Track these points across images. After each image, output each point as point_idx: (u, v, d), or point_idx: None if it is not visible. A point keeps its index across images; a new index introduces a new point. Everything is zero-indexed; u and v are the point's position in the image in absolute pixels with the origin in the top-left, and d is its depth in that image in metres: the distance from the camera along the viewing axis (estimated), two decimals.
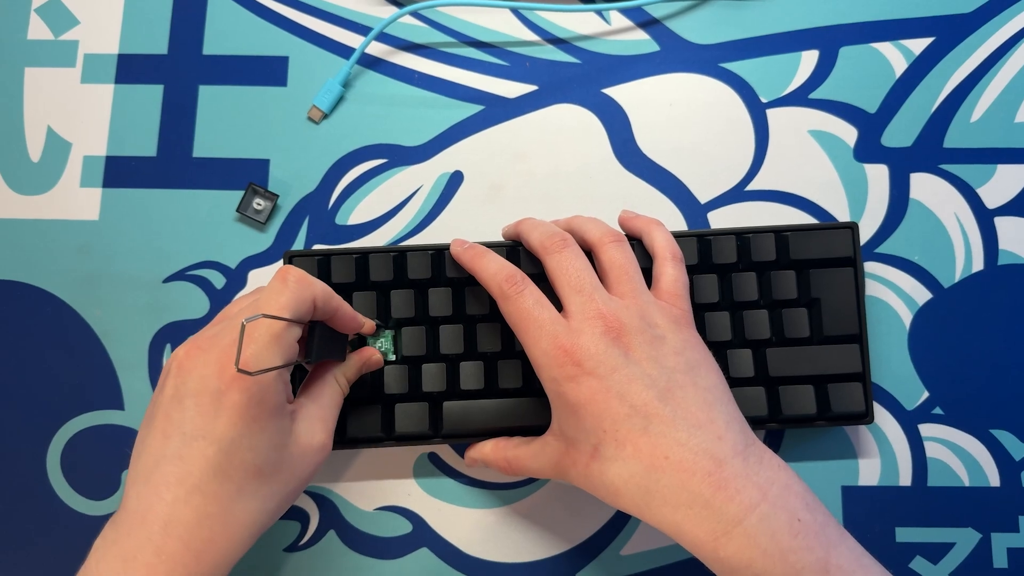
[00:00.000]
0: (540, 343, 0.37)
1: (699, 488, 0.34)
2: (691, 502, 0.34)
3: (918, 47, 0.51)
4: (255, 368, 0.35)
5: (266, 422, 0.36)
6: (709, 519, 0.34)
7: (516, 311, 0.39)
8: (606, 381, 0.36)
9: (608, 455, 0.36)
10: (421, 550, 0.47)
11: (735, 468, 0.35)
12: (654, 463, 0.35)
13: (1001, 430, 0.47)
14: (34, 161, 0.51)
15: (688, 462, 0.35)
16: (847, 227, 0.46)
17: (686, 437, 0.35)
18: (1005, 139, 0.50)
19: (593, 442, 0.36)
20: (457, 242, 0.44)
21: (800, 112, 0.50)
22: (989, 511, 0.47)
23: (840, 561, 0.34)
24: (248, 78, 0.51)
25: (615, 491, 0.36)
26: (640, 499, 0.35)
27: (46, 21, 0.53)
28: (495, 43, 0.52)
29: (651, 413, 0.36)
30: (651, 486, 0.35)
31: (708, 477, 0.34)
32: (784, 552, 0.33)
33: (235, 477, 0.35)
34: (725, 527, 0.33)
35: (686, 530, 0.34)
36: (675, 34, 0.51)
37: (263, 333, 0.35)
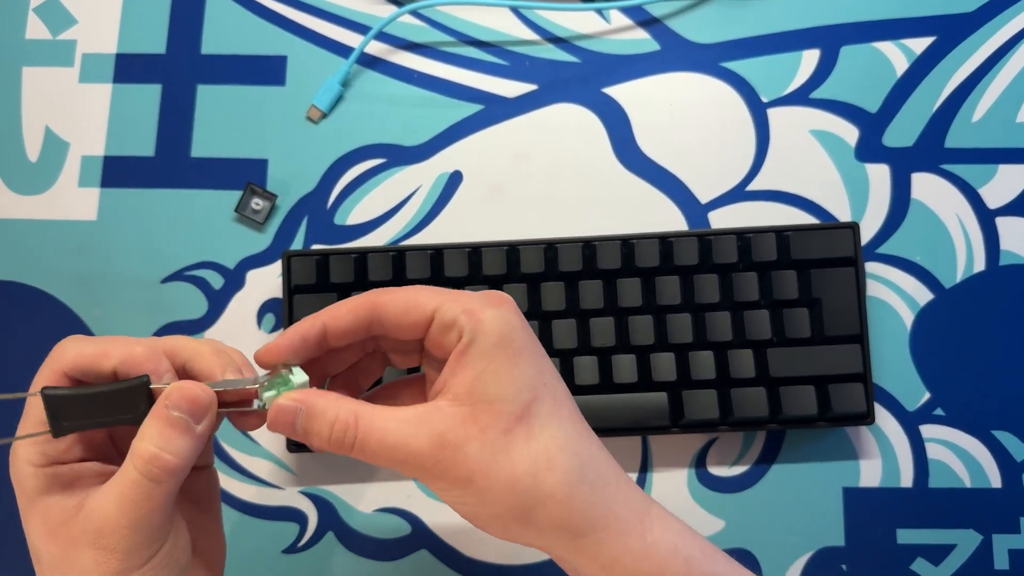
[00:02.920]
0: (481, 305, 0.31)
1: (616, 467, 0.31)
2: (617, 477, 0.30)
3: (919, 46, 0.51)
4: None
5: (27, 510, 0.31)
6: (634, 499, 0.30)
7: (408, 297, 0.31)
8: (531, 335, 0.32)
9: (542, 415, 0.29)
10: (420, 552, 0.47)
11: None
12: (586, 431, 0.31)
13: (1002, 431, 0.47)
14: (32, 161, 0.51)
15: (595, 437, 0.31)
16: (848, 227, 0.46)
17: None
18: (1006, 139, 0.50)
19: (526, 399, 0.29)
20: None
21: (801, 112, 0.50)
22: (990, 512, 0.47)
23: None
24: (246, 78, 0.51)
25: (546, 462, 0.29)
26: (573, 473, 0.29)
27: (44, 21, 0.52)
28: (495, 42, 0.52)
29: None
30: (584, 456, 0.30)
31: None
32: (694, 534, 0.31)
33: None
34: (646, 507, 0.30)
35: (617, 512, 0.30)
36: (675, 33, 0.51)
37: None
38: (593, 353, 0.45)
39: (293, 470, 0.48)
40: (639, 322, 0.45)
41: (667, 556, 0.30)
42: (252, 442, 0.48)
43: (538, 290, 0.46)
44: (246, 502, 0.47)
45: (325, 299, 0.46)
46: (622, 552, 0.29)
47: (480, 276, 0.46)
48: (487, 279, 0.46)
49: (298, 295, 0.46)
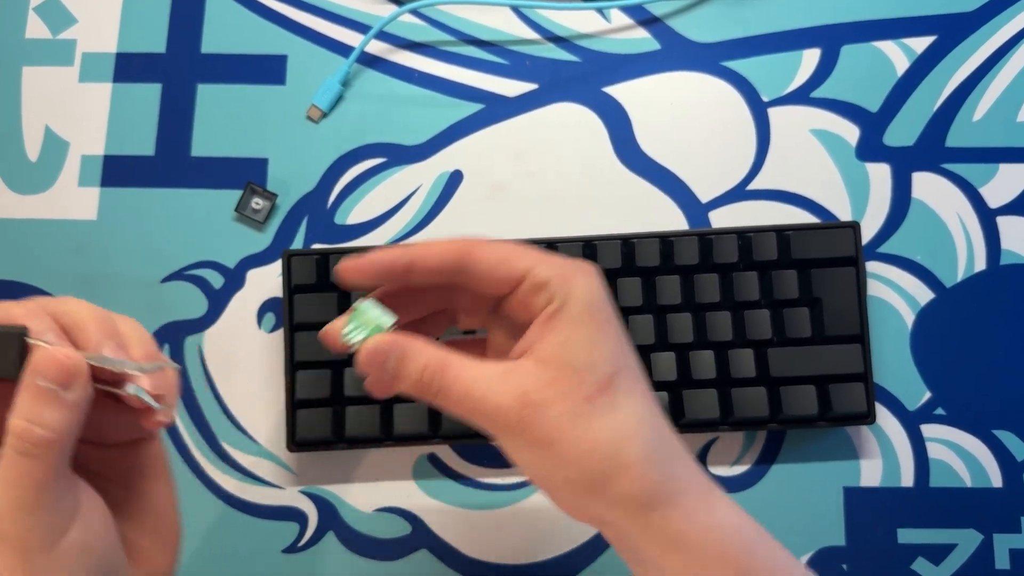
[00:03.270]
0: (564, 265, 0.31)
1: (685, 446, 0.31)
2: (686, 456, 0.30)
3: (920, 46, 0.51)
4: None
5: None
6: (701, 478, 0.30)
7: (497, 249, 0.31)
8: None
9: (624, 388, 0.29)
10: (420, 552, 0.47)
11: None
12: (659, 409, 0.30)
13: (1003, 431, 0.47)
14: (32, 160, 0.51)
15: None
16: (849, 226, 0.46)
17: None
18: (1007, 138, 0.50)
19: (610, 370, 0.29)
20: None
21: (802, 111, 0.50)
22: (991, 512, 0.46)
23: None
24: (247, 77, 0.51)
25: (625, 432, 0.29)
26: (651, 446, 0.29)
27: (44, 20, 0.52)
28: (495, 41, 0.52)
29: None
30: (660, 431, 0.30)
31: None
32: (752, 519, 0.30)
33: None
34: (710, 487, 0.30)
35: (687, 488, 0.29)
36: (676, 32, 0.51)
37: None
38: None
39: (293, 470, 0.48)
40: (639, 321, 0.45)
41: (730, 535, 0.29)
42: (252, 441, 0.48)
43: None
44: (246, 501, 0.47)
45: (326, 299, 0.46)
46: (688, 527, 0.29)
47: None
48: None
49: (298, 295, 0.46)
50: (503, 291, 0.31)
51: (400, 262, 0.30)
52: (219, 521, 0.47)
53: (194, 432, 0.48)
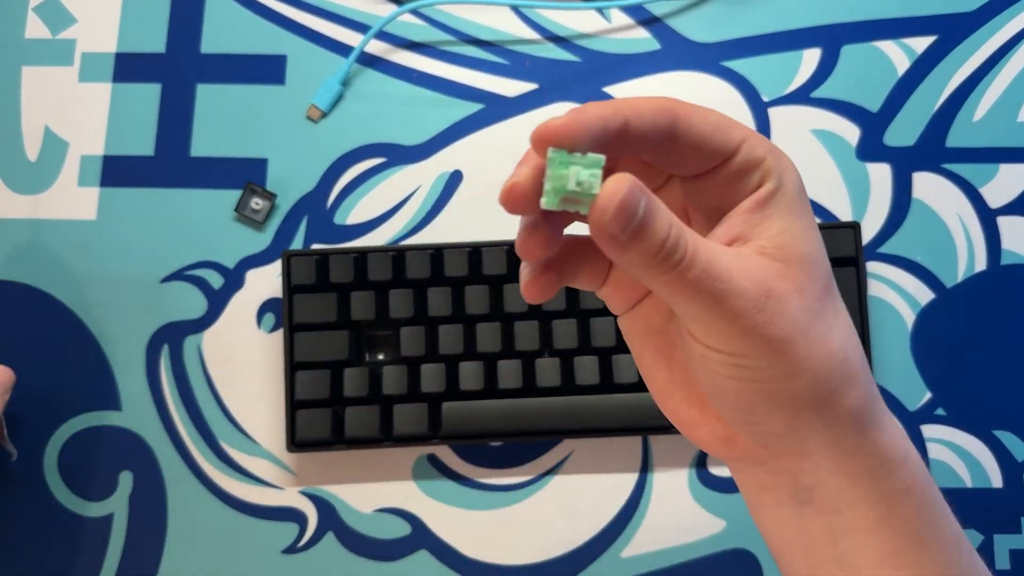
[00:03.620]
0: (763, 143, 0.26)
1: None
2: (868, 374, 0.27)
3: (920, 46, 0.51)
4: None
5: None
6: (882, 399, 0.27)
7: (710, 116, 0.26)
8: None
9: (835, 288, 0.26)
10: (420, 552, 0.47)
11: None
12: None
13: (1004, 431, 0.47)
14: (31, 160, 0.51)
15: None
16: (849, 227, 0.46)
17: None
18: (1008, 138, 0.50)
19: (829, 268, 0.26)
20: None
21: (802, 111, 0.50)
22: (991, 512, 0.46)
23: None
24: (246, 77, 0.51)
25: (850, 339, 0.25)
26: (863, 357, 0.26)
27: (44, 20, 0.52)
28: (495, 41, 0.51)
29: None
30: (858, 344, 0.26)
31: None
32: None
33: None
34: (884, 408, 0.27)
35: (884, 410, 0.26)
36: (676, 32, 0.51)
37: None
38: (594, 353, 0.45)
39: (293, 470, 0.48)
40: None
41: (920, 463, 0.26)
42: (251, 442, 0.48)
43: None
44: (245, 502, 0.47)
45: (325, 299, 0.46)
46: (889, 454, 0.26)
47: (480, 276, 0.46)
48: (487, 278, 0.46)
49: (298, 295, 0.46)
50: (710, 164, 0.26)
51: (615, 120, 0.24)
52: (219, 522, 0.47)
53: (193, 433, 0.48)
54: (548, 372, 0.45)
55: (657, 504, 0.47)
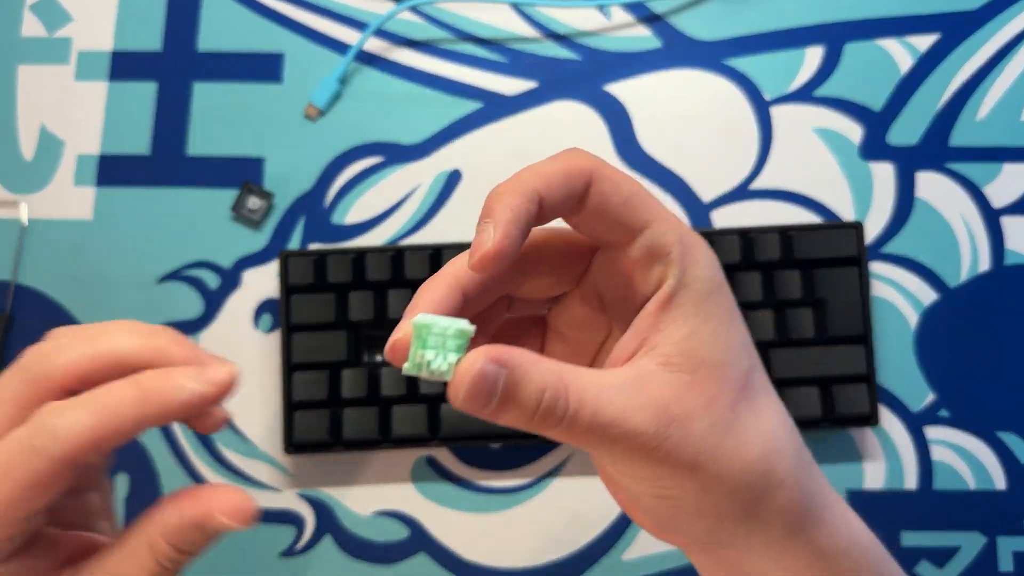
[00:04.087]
0: (680, 229, 0.24)
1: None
2: (812, 458, 0.26)
3: (924, 44, 0.50)
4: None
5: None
6: (830, 488, 0.26)
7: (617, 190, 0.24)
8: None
9: (761, 387, 0.24)
10: (419, 555, 0.47)
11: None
12: (786, 411, 0.25)
13: (1008, 432, 0.47)
14: (27, 160, 0.51)
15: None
16: (852, 226, 0.46)
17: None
18: (1011, 137, 0.49)
19: (746, 366, 0.24)
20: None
21: (805, 109, 0.50)
22: (995, 514, 0.46)
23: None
24: (243, 75, 0.51)
25: (774, 443, 0.24)
26: (797, 455, 0.24)
27: (40, 18, 0.52)
28: (494, 39, 0.51)
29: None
30: (796, 433, 0.25)
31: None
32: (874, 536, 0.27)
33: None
34: (839, 498, 0.26)
35: (830, 501, 0.25)
36: (677, 30, 0.51)
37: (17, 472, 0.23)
38: None
39: (290, 472, 0.47)
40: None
41: (865, 551, 0.26)
42: (248, 443, 0.48)
43: None
44: None
45: (323, 299, 0.46)
46: (834, 544, 0.25)
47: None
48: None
49: (295, 295, 0.46)
50: (611, 237, 0.24)
51: (529, 210, 0.23)
52: None
53: (189, 435, 0.48)
54: None
55: None
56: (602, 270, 0.25)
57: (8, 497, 0.22)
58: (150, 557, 0.24)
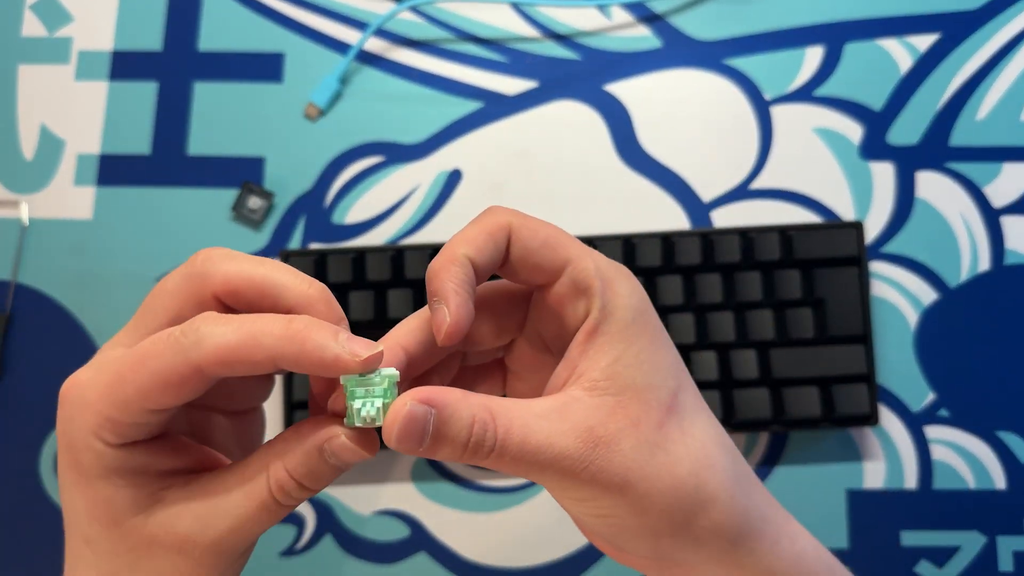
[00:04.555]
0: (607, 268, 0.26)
1: (745, 461, 0.27)
2: (752, 473, 0.27)
3: (924, 44, 0.50)
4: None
5: (85, 488, 0.25)
6: (772, 500, 0.27)
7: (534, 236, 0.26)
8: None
9: (690, 407, 0.25)
10: (419, 555, 0.47)
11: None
12: (719, 425, 0.27)
13: (1008, 432, 0.47)
14: (27, 159, 0.51)
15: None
16: (852, 226, 0.46)
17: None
18: (1011, 137, 0.49)
19: (673, 387, 0.25)
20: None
21: (805, 109, 0.50)
22: (995, 514, 0.46)
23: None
24: (244, 74, 0.51)
25: (705, 459, 0.25)
26: (730, 471, 0.25)
27: (40, 18, 0.52)
28: (495, 39, 0.51)
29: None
30: (732, 451, 0.26)
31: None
32: (823, 547, 0.28)
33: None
34: (783, 512, 0.27)
35: (768, 515, 0.26)
36: (678, 30, 0.51)
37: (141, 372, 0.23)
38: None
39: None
40: (680, 320, 0.45)
41: (814, 563, 0.26)
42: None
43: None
44: None
45: None
46: (777, 560, 0.26)
47: None
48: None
49: None
50: (537, 280, 0.26)
51: (468, 276, 0.25)
52: None
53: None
54: None
55: None
56: (538, 312, 0.27)
57: (141, 386, 0.23)
58: (264, 485, 0.24)
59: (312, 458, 0.24)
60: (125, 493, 0.24)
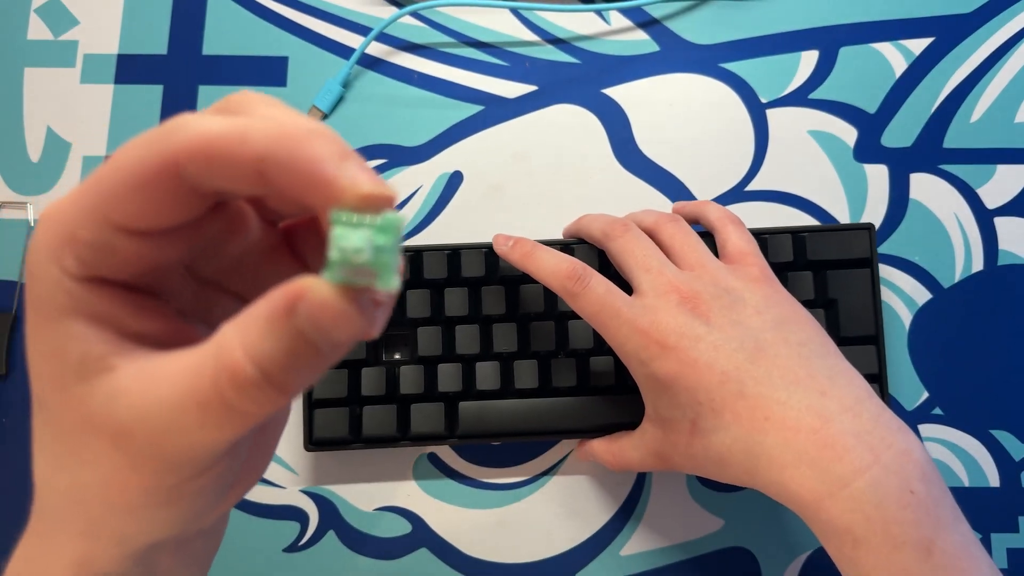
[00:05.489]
0: (620, 331, 0.37)
1: (804, 446, 0.32)
2: (796, 461, 0.32)
3: (918, 47, 0.51)
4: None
5: (39, 329, 0.20)
6: (813, 478, 0.32)
7: (588, 305, 0.37)
8: (692, 352, 0.35)
9: (708, 427, 0.35)
10: (420, 550, 0.47)
11: (843, 425, 0.32)
12: (755, 425, 0.34)
13: (1001, 430, 0.47)
14: (34, 161, 0.51)
15: (791, 420, 0.33)
16: (864, 228, 0.46)
17: (785, 396, 0.34)
18: (1005, 139, 0.50)
19: (691, 417, 0.35)
20: (500, 239, 0.42)
21: (800, 112, 0.50)
22: (989, 512, 0.47)
23: (946, 545, 0.30)
24: (247, 78, 0.51)
25: (721, 461, 0.35)
26: (747, 463, 0.34)
27: (46, 21, 0.52)
28: (495, 43, 0.52)
29: (744, 376, 0.34)
30: (755, 448, 0.33)
31: (813, 435, 0.32)
32: (888, 523, 0.30)
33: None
34: (830, 488, 0.31)
35: (791, 490, 0.32)
36: (675, 34, 0.51)
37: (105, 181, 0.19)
38: (605, 354, 0.45)
39: (294, 469, 0.48)
40: None
41: (833, 536, 0.33)
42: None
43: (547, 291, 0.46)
44: (247, 501, 0.47)
45: None
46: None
47: (496, 276, 0.46)
48: (503, 279, 0.46)
49: None
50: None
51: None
52: None
53: None
54: (564, 372, 0.45)
55: (656, 502, 0.47)
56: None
57: (108, 187, 0.18)
58: (208, 372, 0.17)
59: (278, 327, 0.17)
60: (74, 347, 0.19)
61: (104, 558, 0.22)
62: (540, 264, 0.39)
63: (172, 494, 0.20)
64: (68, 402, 0.19)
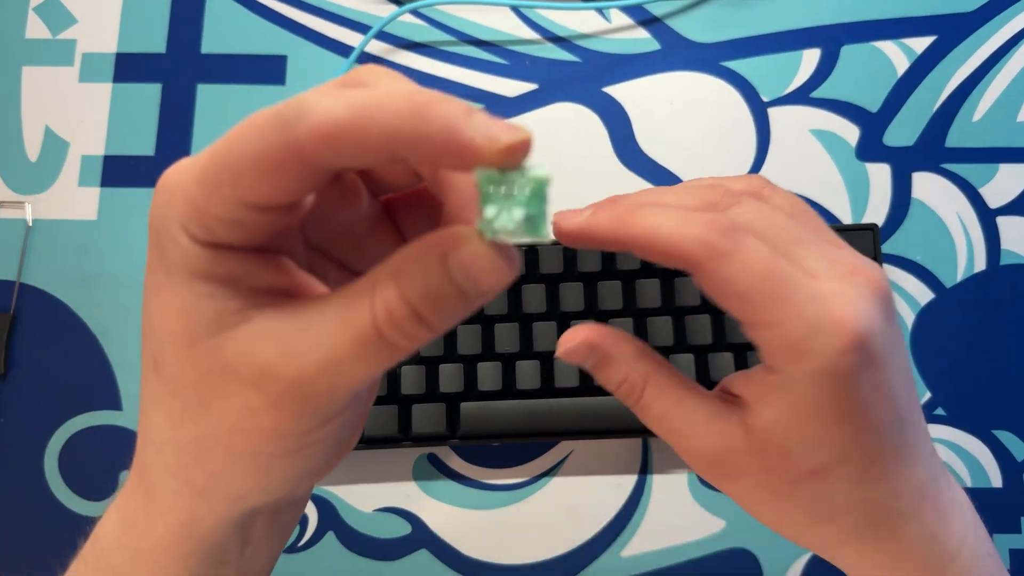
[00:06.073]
0: (805, 311, 0.23)
1: (927, 516, 0.26)
2: (920, 535, 0.26)
3: (920, 46, 0.51)
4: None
5: (166, 292, 0.20)
6: (931, 554, 0.26)
7: (748, 270, 0.23)
8: (884, 373, 0.24)
9: (842, 476, 0.24)
10: (420, 552, 0.47)
11: (945, 490, 0.27)
12: (898, 488, 0.25)
13: (1003, 431, 0.47)
14: (32, 160, 0.51)
15: (923, 484, 0.26)
16: (868, 228, 0.46)
17: (923, 451, 0.26)
18: (1007, 138, 0.50)
19: (825, 460, 0.24)
20: (568, 214, 0.27)
21: (802, 111, 0.50)
22: (991, 512, 0.46)
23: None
24: (246, 77, 0.51)
25: (827, 517, 0.25)
26: (863, 527, 0.25)
27: (44, 20, 0.52)
28: (495, 41, 0.52)
29: (906, 419, 0.25)
30: (883, 513, 0.25)
31: (934, 503, 0.26)
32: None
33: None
34: (942, 563, 0.26)
35: (906, 567, 0.26)
36: (676, 32, 0.51)
37: (233, 154, 0.19)
38: None
39: None
40: (658, 323, 0.45)
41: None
42: None
43: (556, 290, 0.46)
44: None
45: None
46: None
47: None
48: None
49: None
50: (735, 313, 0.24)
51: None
52: None
53: None
54: (566, 373, 0.45)
55: (657, 503, 0.47)
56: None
57: (232, 168, 0.18)
58: (366, 310, 0.19)
59: (433, 273, 0.18)
60: (206, 305, 0.20)
61: (211, 519, 0.22)
62: (654, 222, 0.24)
63: (301, 441, 0.21)
64: (198, 355, 0.20)
